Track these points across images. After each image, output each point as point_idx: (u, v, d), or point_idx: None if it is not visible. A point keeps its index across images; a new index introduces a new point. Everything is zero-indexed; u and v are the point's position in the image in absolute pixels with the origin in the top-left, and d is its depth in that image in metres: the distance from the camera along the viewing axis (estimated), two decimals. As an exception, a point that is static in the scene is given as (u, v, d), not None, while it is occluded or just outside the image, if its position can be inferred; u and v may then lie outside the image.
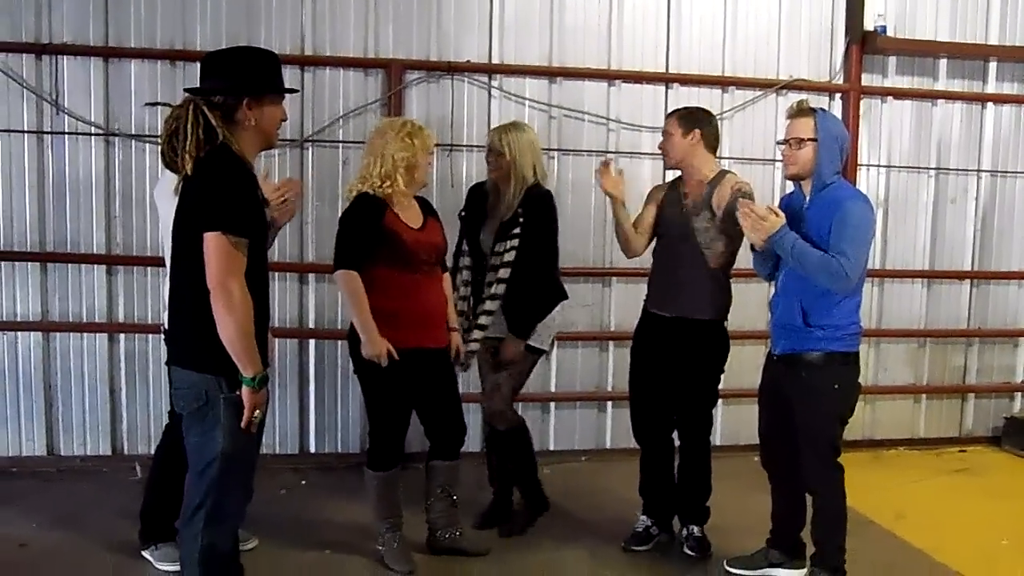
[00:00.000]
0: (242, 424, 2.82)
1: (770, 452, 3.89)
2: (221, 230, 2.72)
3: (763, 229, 3.57)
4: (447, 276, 4.09)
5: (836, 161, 3.57)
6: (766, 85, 5.76)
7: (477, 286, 4.23)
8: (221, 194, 2.74)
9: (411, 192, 3.90)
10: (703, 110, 4.27)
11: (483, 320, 4.18)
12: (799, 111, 3.61)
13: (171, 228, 2.93)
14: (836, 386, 3.59)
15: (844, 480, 3.69)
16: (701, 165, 4.15)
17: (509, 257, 4.14)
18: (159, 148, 2.88)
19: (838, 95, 5.91)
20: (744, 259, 4.08)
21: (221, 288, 2.72)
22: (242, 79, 2.87)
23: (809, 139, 3.55)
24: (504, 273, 4.15)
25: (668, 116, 4.24)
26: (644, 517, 4.40)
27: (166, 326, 3.07)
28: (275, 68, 2.98)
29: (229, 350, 2.75)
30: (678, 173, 4.29)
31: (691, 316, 4.11)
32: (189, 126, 2.78)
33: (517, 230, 4.14)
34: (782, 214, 3.57)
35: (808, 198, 3.64)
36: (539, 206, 4.21)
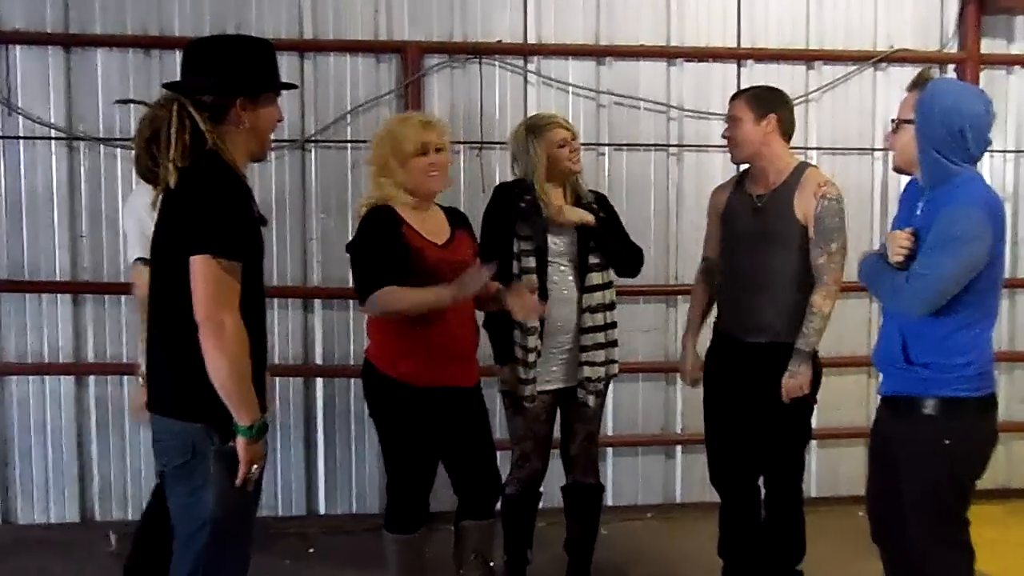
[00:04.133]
0: (237, 481, 2.85)
1: (879, 522, 3.68)
2: (211, 253, 2.76)
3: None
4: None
5: (951, 148, 3.25)
6: (861, 58, 5.76)
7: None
8: (211, 211, 2.79)
9: (419, 203, 3.94)
10: (776, 90, 4.30)
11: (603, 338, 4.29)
12: (911, 84, 3.48)
13: (141, 250, 2.99)
14: (947, 442, 3.33)
15: (967, 563, 3.47)
16: (776, 158, 4.16)
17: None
18: (133, 154, 2.94)
19: (951, 66, 5.88)
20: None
21: (211, 321, 2.77)
22: (236, 75, 2.93)
23: (905, 120, 3.37)
24: (608, 276, 4.30)
25: (734, 98, 4.25)
26: None
27: (144, 368, 3.14)
28: (272, 61, 3.04)
29: (221, 394, 2.79)
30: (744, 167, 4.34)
31: (776, 340, 4.12)
32: (174, 131, 2.83)
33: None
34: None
35: (924, 199, 3.42)
36: (608, 202, 4.42)
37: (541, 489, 4.44)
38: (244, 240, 2.85)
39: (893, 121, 3.45)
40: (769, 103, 4.16)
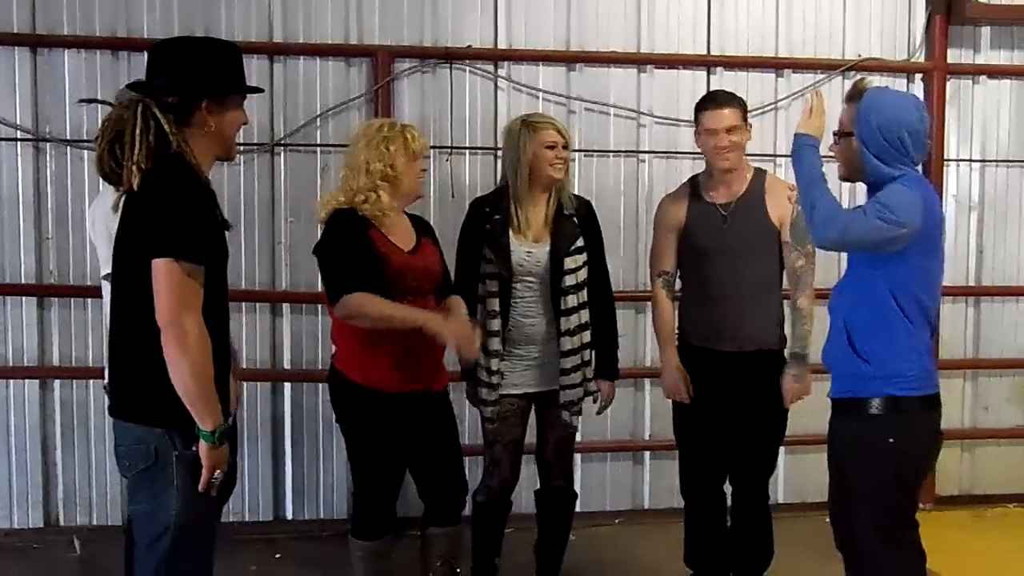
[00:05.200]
0: (200, 486, 2.85)
1: (840, 530, 3.67)
2: (173, 256, 2.75)
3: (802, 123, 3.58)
4: (454, 302, 4.07)
5: (892, 155, 3.34)
6: (830, 67, 5.80)
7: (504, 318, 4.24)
8: (173, 214, 2.78)
9: (400, 207, 3.95)
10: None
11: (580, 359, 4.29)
12: (848, 95, 3.58)
13: (108, 253, 2.98)
14: (891, 440, 3.40)
15: (918, 565, 3.52)
16: (744, 164, 4.23)
17: (583, 276, 4.25)
18: (95, 155, 2.92)
19: (919, 76, 5.95)
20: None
21: (173, 325, 2.76)
22: (201, 77, 2.92)
23: (845, 133, 3.46)
24: (583, 297, 4.25)
25: (726, 103, 4.20)
26: None
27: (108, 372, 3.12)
28: (238, 64, 3.05)
29: (184, 399, 2.79)
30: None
31: (762, 348, 4.16)
32: (138, 132, 2.83)
33: (581, 243, 4.25)
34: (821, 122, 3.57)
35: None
36: (592, 212, 4.40)
37: (512, 498, 4.43)
38: (207, 244, 2.84)
39: (835, 134, 3.54)
40: (745, 108, 4.23)
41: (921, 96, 5.85)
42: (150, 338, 2.78)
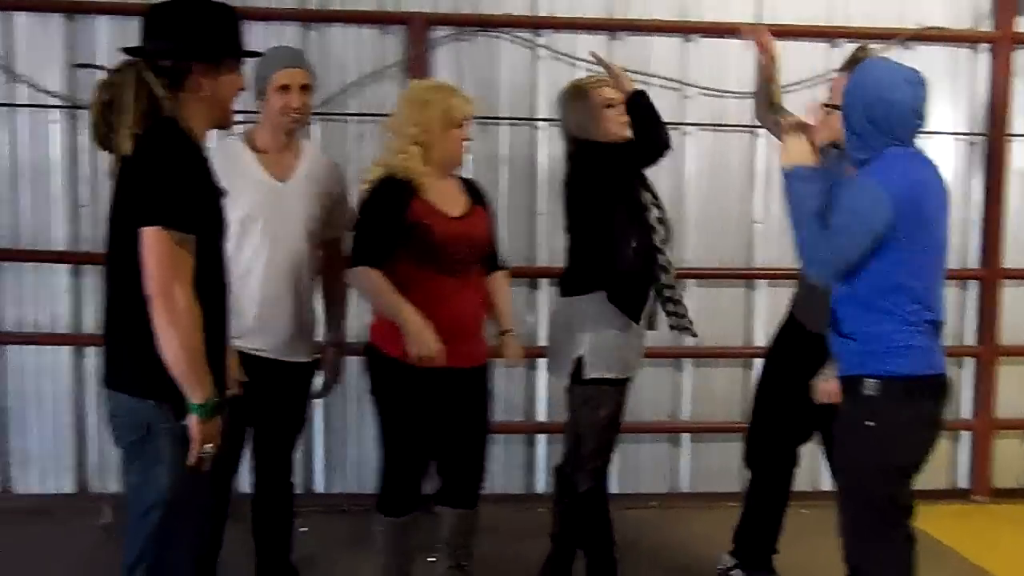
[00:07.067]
0: (189, 460, 2.82)
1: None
2: (161, 224, 2.72)
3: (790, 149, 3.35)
4: (500, 276, 4.05)
5: (874, 135, 3.19)
6: (887, 36, 5.57)
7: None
8: (163, 180, 2.74)
9: (437, 175, 3.84)
10: None
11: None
12: (844, 64, 3.45)
13: None
14: (870, 424, 3.25)
15: (906, 560, 3.36)
16: None
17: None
18: (90, 122, 2.89)
19: (984, 46, 5.74)
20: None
21: (162, 295, 2.72)
22: (195, 39, 2.88)
23: (833, 106, 3.36)
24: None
25: (838, 70, 4.08)
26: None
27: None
28: (235, 26, 2.99)
29: (172, 370, 2.76)
30: None
31: None
32: (131, 95, 2.79)
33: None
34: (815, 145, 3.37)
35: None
36: None
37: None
38: (198, 212, 2.80)
39: (824, 105, 3.42)
40: None
41: (986, 68, 5.67)
42: (141, 308, 2.75)
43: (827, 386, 3.91)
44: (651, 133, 3.98)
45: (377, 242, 3.74)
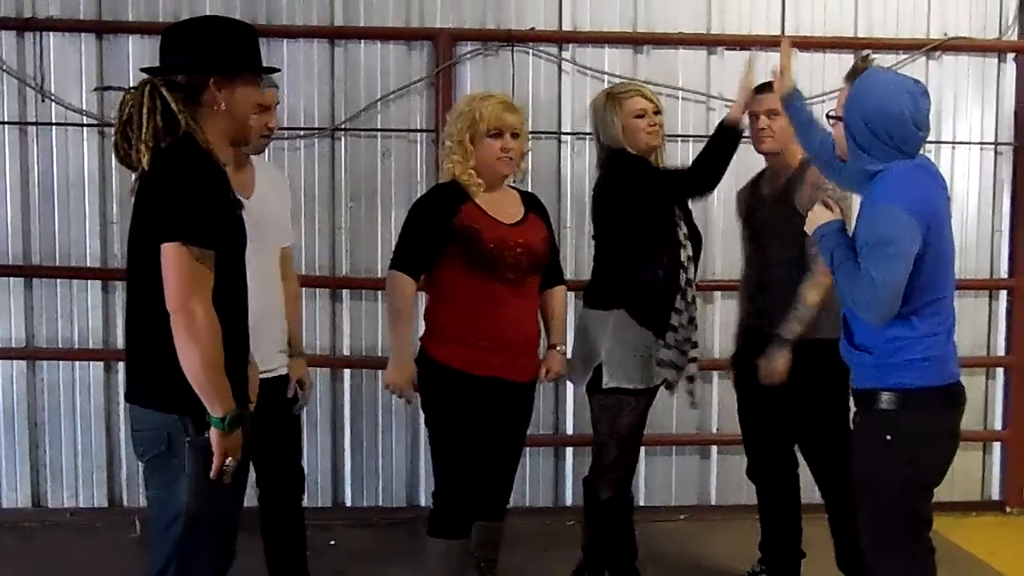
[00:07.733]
0: (211, 474, 2.84)
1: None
2: (181, 240, 2.74)
3: (812, 219, 3.34)
4: (557, 290, 4.04)
5: (878, 148, 3.14)
6: (913, 47, 5.56)
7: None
8: (182, 196, 2.76)
9: (487, 183, 3.80)
10: None
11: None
12: (847, 75, 3.36)
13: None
14: (889, 437, 3.19)
15: (929, 573, 3.30)
16: (796, 151, 4.14)
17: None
18: (113, 141, 2.93)
19: (1011, 56, 5.68)
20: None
21: (182, 311, 2.74)
22: (209, 53, 2.90)
23: (837, 117, 3.27)
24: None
25: (768, 89, 4.12)
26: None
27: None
28: (250, 41, 3.01)
29: (193, 384, 2.77)
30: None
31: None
32: (145, 112, 2.81)
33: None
34: (839, 208, 3.32)
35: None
36: None
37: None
38: (217, 227, 2.82)
39: (829, 116, 3.37)
40: None
41: (1012, 78, 5.62)
42: (162, 323, 2.77)
43: (770, 366, 3.97)
44: (718, 170, 4.06)
45: (417, 247, 3.76)
